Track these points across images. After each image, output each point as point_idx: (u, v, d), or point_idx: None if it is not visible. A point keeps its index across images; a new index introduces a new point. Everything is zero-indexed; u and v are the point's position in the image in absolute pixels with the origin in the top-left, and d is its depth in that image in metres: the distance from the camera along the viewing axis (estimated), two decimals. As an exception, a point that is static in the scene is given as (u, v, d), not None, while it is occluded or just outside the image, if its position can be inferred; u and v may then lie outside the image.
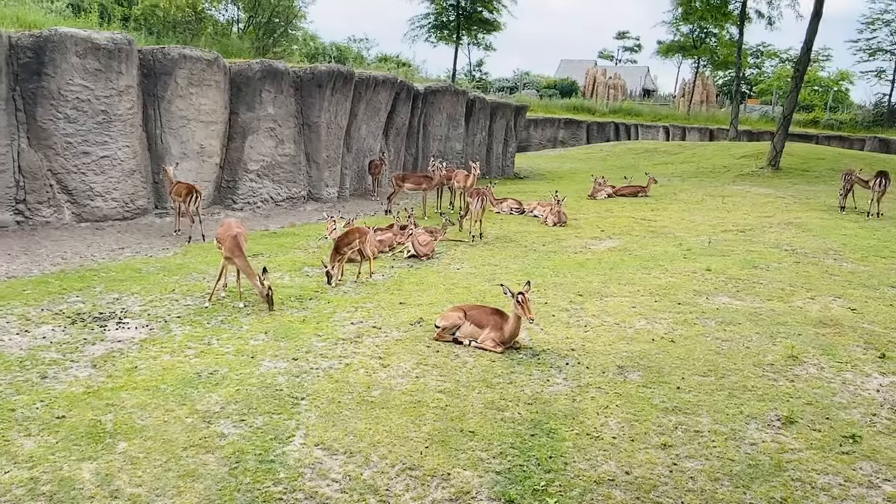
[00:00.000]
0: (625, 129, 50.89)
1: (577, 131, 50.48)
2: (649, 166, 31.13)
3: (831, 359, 7.28)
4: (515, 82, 71.40)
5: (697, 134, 48.26)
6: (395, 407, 6.05)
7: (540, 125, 49.38)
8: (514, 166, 29.53)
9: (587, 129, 50.29)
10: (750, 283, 10.04)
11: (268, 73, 15.84)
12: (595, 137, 49.83)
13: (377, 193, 19.61)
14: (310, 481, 4.92)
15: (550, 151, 42.41)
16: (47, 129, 12.91)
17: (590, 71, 73.98)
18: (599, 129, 50.78)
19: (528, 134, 48.51)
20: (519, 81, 67.60)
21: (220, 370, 6.76)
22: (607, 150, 38.13)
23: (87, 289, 9.57)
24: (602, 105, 56.63)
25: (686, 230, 14.41)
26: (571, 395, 6.32)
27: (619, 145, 38.74)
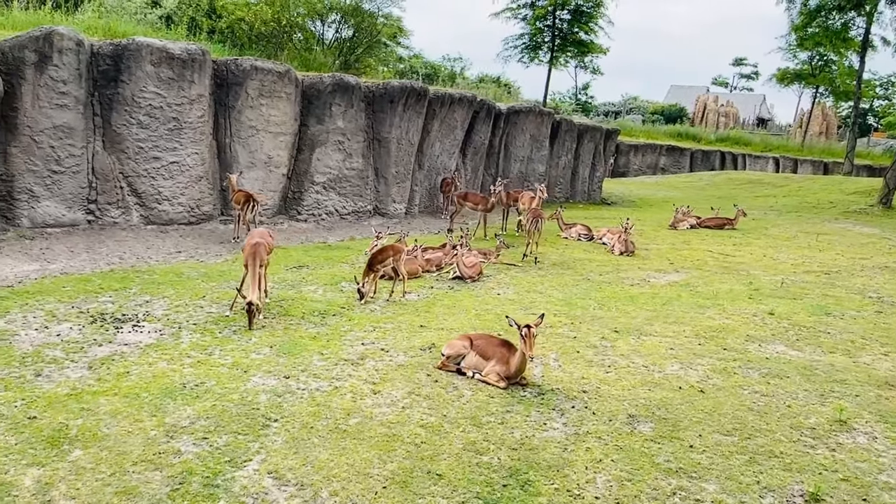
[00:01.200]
0: (731, 158, 48.58)
1: (680, 159, 48.61)
2: (749, 198, 29.40)
3: (889, 427, 6.26)
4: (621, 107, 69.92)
5: (810, 167, 45.33)
6: (367, 438, 5.64)
7: (640, 151, 47.95)
8: (601, 191, 28.55)
9: (691, 157, 48.35)
10: (815, 331, 8.96)
11: (338, 86, 15.93)
12: (699, 166, 47.81)
13: (448, 212, 19.28)
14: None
15: (648, 178, 40.94)
16: (121, 133, 13.44)
17: (700, 97, 71.37)
18: (704, 157, 48.71)
19: (627, 159, 47.26)
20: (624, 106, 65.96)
21: (206, 383, 6.58)
22: (707, 179, 36.33)
23: (123, 290, 9.74)
24: (709, 132, 54.33)
25: (764, 268, 13.23)
26: (564, 444, 5.69)
27: (720, 175, 36.83)
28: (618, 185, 35.44)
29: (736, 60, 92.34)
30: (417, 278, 11.67)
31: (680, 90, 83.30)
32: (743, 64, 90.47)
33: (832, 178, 33.63)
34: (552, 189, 25.58)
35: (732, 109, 69.98)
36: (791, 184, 31.81)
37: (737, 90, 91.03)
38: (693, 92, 78.15)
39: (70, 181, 13.08)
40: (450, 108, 18.75)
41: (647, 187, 35.14)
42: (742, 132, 53.92)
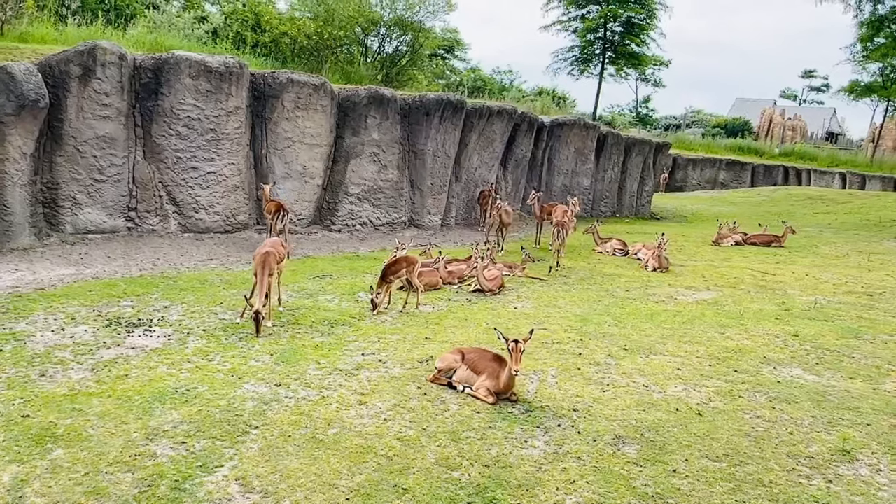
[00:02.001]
0: (795, 173, 46.93)
1: (741, 173, 47.24)
2: (808, 215, 28.39)
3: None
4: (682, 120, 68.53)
5: (880, 183, 43.35)
6: (342, 449, 5.64)
7: (699, 165, 46.86)
8: (650, 206, 27.98)
9: (752, 172, 46.93)
10: (840, 355, 8.52)
11: (374, 99, 16.11)
12: (761, 181, 46.35)
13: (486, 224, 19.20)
14: (195, 518, 4.64)
15: (704, 193, 39.95)
16: (160, 143, 13.92)
17: (766, 111, 69.34)
18: (766, 172, 47.22)
19: (685, 174, 46.27)
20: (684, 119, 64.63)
21: (199, 388, 6.70)
22: (766, 194, 35.21)
23: (145, 294, 10.05)
24: (772, 147, 52.66)
25: (802, 288, 12.69)
26: (541, 463, 5.56)
27: (779, 190, 35.62)
28: (671, 200, 34.71)
29: (805, 73, 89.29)
30: (437, 290, 11.66)
31: (745, 103, 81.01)
32: (813, 76, 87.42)
33: (900, 195, 32.10)
34: (598, 203, 25.27)
35: (800, 123, 67.70)
36: (854, 200, 30.51)
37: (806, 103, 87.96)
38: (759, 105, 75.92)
39: (111, 189, 13.60)
40: (488, 120, 18.72)
41: (701, 202, 34.30)
42: (807, 146, 52.03)
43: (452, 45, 54.20)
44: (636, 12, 29.13)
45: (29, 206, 12.66)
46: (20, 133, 12.20)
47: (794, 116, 68.48)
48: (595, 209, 25.25)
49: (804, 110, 77.34)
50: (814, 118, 72.51)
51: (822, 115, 74.96)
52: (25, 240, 12.54)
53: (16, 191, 12.33)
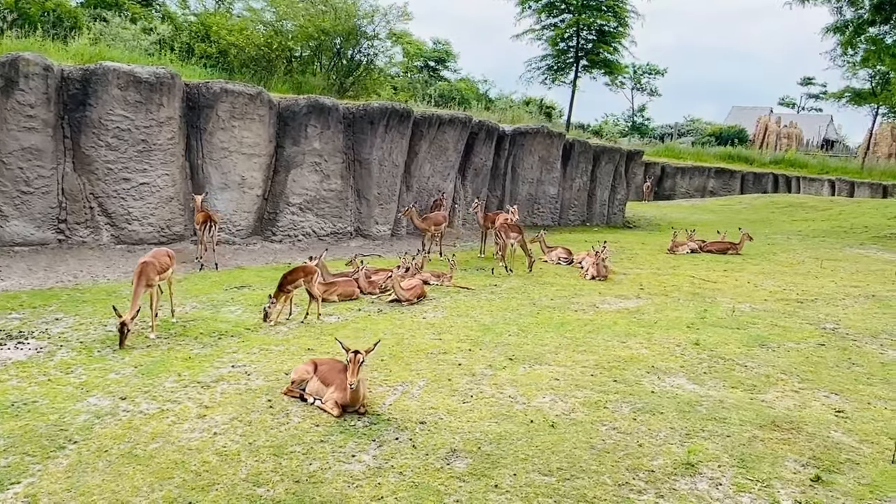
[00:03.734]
0: (784, 181, 46.56)
1: (730, 181, 46.90)
2: (786, 222, 28.07)
3: (742, 473, 5.61)
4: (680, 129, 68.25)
5: (868, 190, 42.91)
6: (153, 465, 5.41)
7: (688, 173, 46.59)
8: (623, 214, 27.69)
9: (742, 180, 46.58)
10: (733, 364, 8.24)
11: (314, 108, 15.98)
12: (750, 188, 46.00)
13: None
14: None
15: (687, 201, 39.62)
16: (90, 155, 13.80)
17: (761, 118, 69.03)
18: (756, 180, 46.88)
19: (673, 182, 46.03)
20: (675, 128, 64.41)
21: (39, 402, 6.51)
22: (747, 202, 34.88)
23: (42, 307, 9.88)
24: (764, 155, 52.29)
25: (735, 295, 12.39)
26: (357, 479, 5.32)
27: (760, 198, 35.28)
28: (651, 209, 34.42)
29: (804, 80, 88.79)
30: (354, 300, 11.45)
31: (742, 111, 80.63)
32: (811, 83, 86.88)
33: (881, 202, 31.73)
34: (566, 212, 25.03)
35: (795, 130, 67.33)
36: (834, 207, 30.13)
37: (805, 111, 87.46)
38: (756, 113, 75.53)
39: (39, 201, 13.47)
40: (439, 129, 18.55)
41: (682, 210, 34.00)
42: (797, 154, 51.61)
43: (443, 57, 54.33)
44: (607, 20, 28.95)
45: (-49, 219, 12.54)
46: (-61, 145, 12.09)
47: (790, 124, 68.09)
48: (563, 218, 25.01)
49: (801, 118, 76.80)
50: (810, 126, 72.07)
51: (818, 122, 74.54)
52: (-54, 253, 12.40)
53: (-65, 203, 12.21)
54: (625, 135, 63.04)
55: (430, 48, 53.77)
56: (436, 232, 15.60)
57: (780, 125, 67.54)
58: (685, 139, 60.96)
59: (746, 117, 74.39)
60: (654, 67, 74.44)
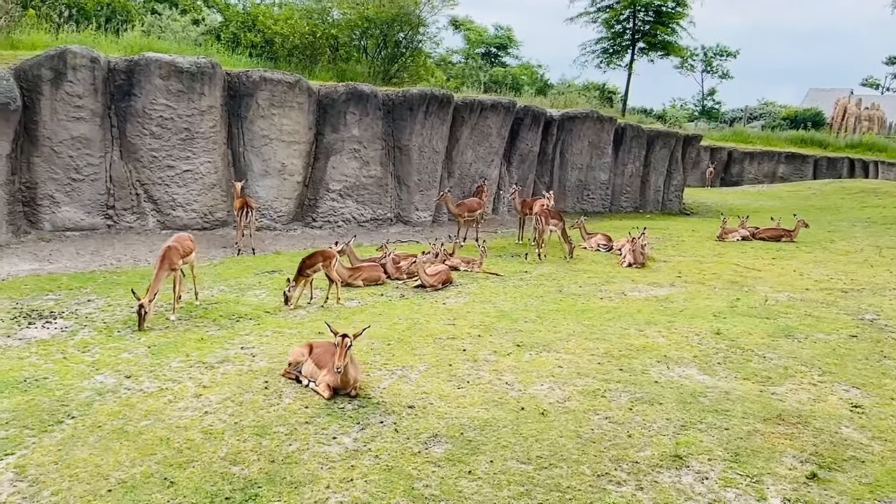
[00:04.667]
0: (861, 166, 44.28)
1: (802, 167, 44.95)
2: (855, 209, 26.69)
3: (733, 468, 5.37)
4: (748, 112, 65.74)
5: (954, 174, 40.31)
6: (139, 441, 5.58)
7: (756, 158, 44.91)
8: (679, 201, 26.87)
9: (814, 165, 44.58)
10: (752, 355, 7.89)
11: (352, 95, 16.09)
12: (824, 174, 43.94)
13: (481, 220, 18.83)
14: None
15: (753, 187, 38.17)
16: (135, 143, 14.31)
17: (840, 100, 65.64)
18: (830, 164, 44.76)
19: (741, 168, 44.48)
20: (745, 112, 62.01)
21: (49, 378, 6.81)
22: (816, 188, 33.34)
23: (78, 289, 10.33)
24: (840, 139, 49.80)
25: (776, 284, 11.87)
26: (332, 460, 5.35)
27: (831, 184, 33.65)
28: (713, 195, 33.35)
29: (890, 59, 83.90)
30: (380, 285, 11.52)
31: (820, 94, 76.82)
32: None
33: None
34: (617, 198, 24.49)
35: (877, 113, 63.75)
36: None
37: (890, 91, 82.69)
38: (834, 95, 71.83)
39: (89, 188, 14.06)
40: (480, 114, 18.39)
41: (746, 196, 32.83)
42: (876, 137, 48.90)
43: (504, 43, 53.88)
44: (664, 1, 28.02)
45: (6, 205, 13.22)
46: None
47: (872, 105, 64.52)
48: (615, 205, 24.48)
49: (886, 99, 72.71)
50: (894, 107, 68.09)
51: (905, 103, 70.28)
52: (2, 237, 13.10)
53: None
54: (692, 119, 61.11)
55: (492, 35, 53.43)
56: (469, 218, 15.49)
57: (861, 107, 64.07)
58: (756, 123, 58.67)
59: (824, 100, 70.82)
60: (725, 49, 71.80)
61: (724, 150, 43.88)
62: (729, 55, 71.21)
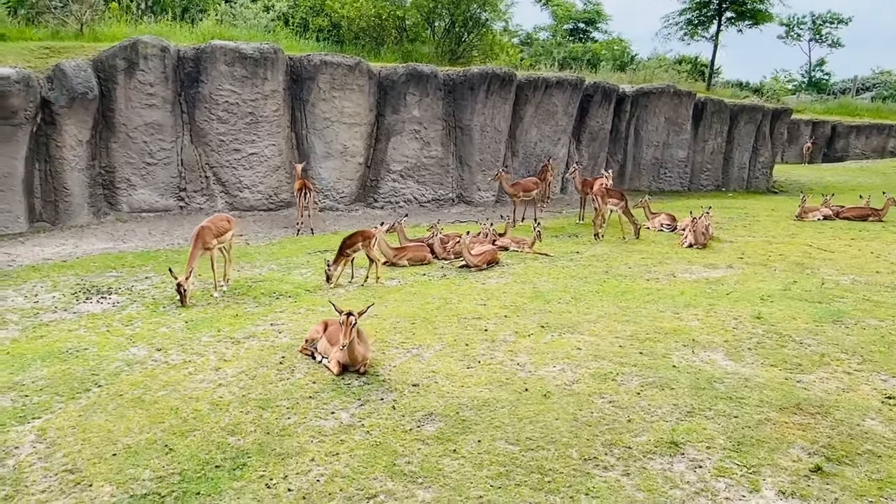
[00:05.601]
0: None
1: (918, 140, 41.82)
2: (969, 186, 24.56)
3: (731, 457, 5.15)
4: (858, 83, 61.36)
5: None
6: (152, 410, 5.92)
7: (864, 132, 42.11)
8: (767, 178, 25.55)
9: (934, 138, 41.32)
10: (788, 340, 7.47)
11: (412, 76, 16.17)
12: (949, 148, 40.72)
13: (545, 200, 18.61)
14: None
15: (856, 163, 35.84)
16: (204, 128, 14.98)
17: (965, 67, 60.23)
18: (950, 137, 41.37)
19: (846, 143, 41.84)
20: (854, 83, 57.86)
21: (88, 349, 7.30)
22: (928, 163, 30.88)
23: (139, 266, 11.00)
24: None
25: (847, 267, 11.15)
26: (324, 433, 5.51)
27: (944, 158, 31.03)
28: (809, 171, 31.57)
29: None
30: (426, 265, 11.63)
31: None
32: None
33: None
34: (697, 176, 23.57)
35: None
36: None
37: None
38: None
39: (162, 172, 14.87)
40: (545, 92, 18.08)
41: (846, 173, 30.89)
42: None
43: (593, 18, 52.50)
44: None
45: (87, 188, 14.18)
46: (74, 123, 13.68)
47: None
48: (694, 183, 23.57)
49: None
50: None
51: None
52: (84, 218, 14.08)
53: (74, 174, 13.86)
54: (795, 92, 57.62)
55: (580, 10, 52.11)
56: (525, 198, 15.31)
57: None
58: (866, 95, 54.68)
59: (952, 67, 65.19)
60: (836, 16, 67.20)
61: (828, 124, 41.30)
62: (840, 22, 66.54)
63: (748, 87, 51.39)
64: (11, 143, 12.81)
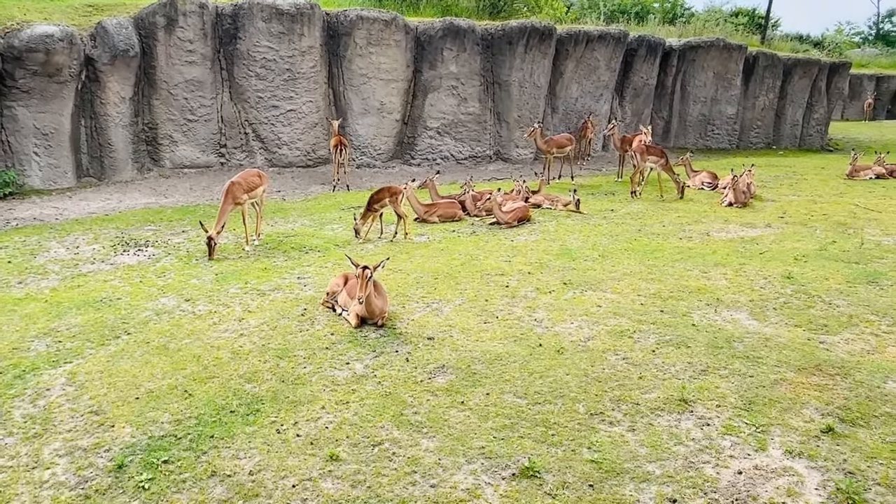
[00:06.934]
0: None
1: None
2: None
3: (741, 416, 5.10)
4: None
5: None
6: (176, 357, 6.15)
7: (940, 88, 40.01)
8: (822, 136, 24.61)
9: None
10: (817, 301, 7.28)
11: (449, 31, 15.96)
12: None
13: (585, 157, 18.32)
14: (28, 402, 5.42)
15: (923, 120, 34.20)
16: (242, 85, 15.13)
17: None
18: None
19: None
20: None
21: (122, 298, 7.59)
22: None
23: (177, 221, 11.30)
24: None
25: (891, 228, 10.77)
26: (337, 383, 5.64)
27: None
28: (869, 129, 30.33)
29: None
30: (457, 221, 11.65)
31: None
32: None
33: None
34: (746, 133, 22.85)
35: None
36: None
37: None
38: None
39: (203, 128, 15.13)
40: (587, 46, 17.65)
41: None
42: None
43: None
44: None
45: (131, 144, 14.55)
46: (117, 80, 13.98)
47: None
48: (743, 140, 22.86)
49: None
50: None
51: None
52: (128, 173, 14.49)
53: (118, 131, 14.22)
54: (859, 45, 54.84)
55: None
56: (559, 154, 15.09)
57: None
58: (939, 48, 51.68)
59: None
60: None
61: (893, 80, 39.39)
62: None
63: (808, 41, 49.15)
64: (58, 99, 13.17)
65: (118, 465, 4.48)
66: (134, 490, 4.26)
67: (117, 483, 4.33)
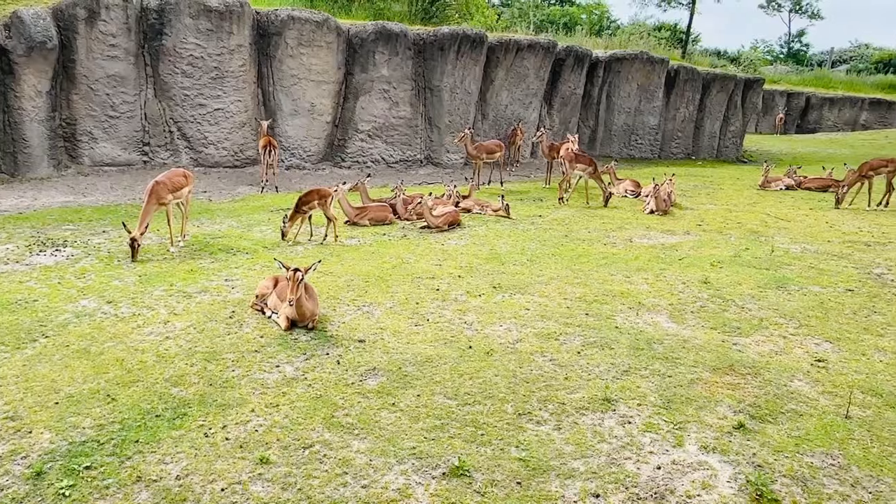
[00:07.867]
0: (959, 112, 41.26)
1: (888, 114, 42.47)
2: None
3: (660, 414, 5.33)
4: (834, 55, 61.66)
5: None
6: (98, 361, 5.96)
7: (837, 105, 42.51)
8: (737, 148, 25.80)
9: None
10: (731, 305, 7.68)
11: (381, 34, 15.99)
12: (914, 122, 41.29)
13: (514, 164, 18.66)
14: None
15: (827, 135, 36.47)
16: (168, 82, 14.73)
17: (941, 42, 60.69)
18: (920, 112, 41.93)
19: (819, 115, 42.28)
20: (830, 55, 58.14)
21: (38, 301, 7.29)
22: (894, 136, 31.34)
23: (97, 220, 10.91)
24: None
25: (800, 236, 11.41)
26: (266, 386, 5.60)
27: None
28: (780, 142, 31.97)
29: None
30: (387, 225, 11.68)
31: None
32: None
33: None
34: (668, 144, 23.72)
35: (983, 56, 58.77)
36: None
37: None
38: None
39: (125, 125, 14.65)
40: (517, 55, 18.00)
41: (815, 144, 31.33)
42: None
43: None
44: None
45: (47, 140, 13.95)
46: (33, 73, 13.39)
47: (978, 48, 59.48)
48: (665, 150, 23.73)
49: None
50: None
51: None
52: (44, 170, 13.88)
53: (33, 126, 13.62)
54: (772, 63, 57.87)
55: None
56: (488, 160, 15.34)
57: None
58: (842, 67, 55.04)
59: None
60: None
61: (802, 96, 41.66)
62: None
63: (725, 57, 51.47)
64: (-33, 91, 12.53)
65: (36, 472, 4.33)
66: (54, 497, 4.13)
67: (35, 491, 4.19)
